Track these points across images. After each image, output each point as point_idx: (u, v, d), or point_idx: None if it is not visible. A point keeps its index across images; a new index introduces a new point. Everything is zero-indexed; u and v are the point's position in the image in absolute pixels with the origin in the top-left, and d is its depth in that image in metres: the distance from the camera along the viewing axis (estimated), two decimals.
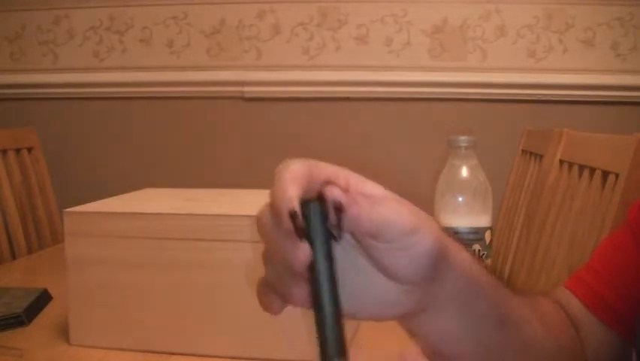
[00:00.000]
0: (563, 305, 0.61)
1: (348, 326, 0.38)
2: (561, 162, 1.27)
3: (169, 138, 2.10)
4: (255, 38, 2.04)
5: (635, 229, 0.59)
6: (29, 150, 1.69)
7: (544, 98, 1.93)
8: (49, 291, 1.02)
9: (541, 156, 1.40)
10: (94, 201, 0.92)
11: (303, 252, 0.36)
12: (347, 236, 0.40)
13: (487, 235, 1.05)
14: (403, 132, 2.00)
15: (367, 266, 0.41)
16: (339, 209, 0.37)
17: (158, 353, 0.81)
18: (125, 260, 0.82)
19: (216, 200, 0.98)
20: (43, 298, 1.00)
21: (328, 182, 0.39)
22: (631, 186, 0.92)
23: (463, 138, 1.08)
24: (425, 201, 0.45)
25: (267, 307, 0.40)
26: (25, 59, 2.14)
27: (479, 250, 1.02)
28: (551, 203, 1.25)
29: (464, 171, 1.08)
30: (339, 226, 0.37)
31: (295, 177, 0.37)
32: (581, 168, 1.15)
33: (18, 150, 1.65)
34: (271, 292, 0.39)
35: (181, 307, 0.81)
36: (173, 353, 0.81)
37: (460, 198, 1.07)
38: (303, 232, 0.36)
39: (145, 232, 0.82)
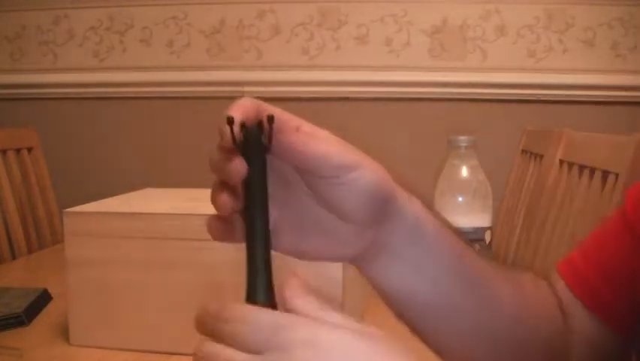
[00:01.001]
0: (554, 288, 0.59)
1: None
2: (561, 162, 1.27)
3: (169, 138, 2.10)
4: (255, 38, 2.04)
5: (629, 217, 0.58)
6: (29, 150, 1.69)
7: (544, 98, 1.93)
8: (49, 291, 1.02)
9: (541, 156, 1.40)
10: (94, 201, 0.92)
11: (237, 164, 0.39)
12: (302, 183, 0.42)
13: (487, 235, 1.06)
14: (403, 132, 2.00)
15: (318, 208, 0.43)
16: (271, 128, 0.39)
17: (158, 353, 0.81)
18: (124, 260, 0.82)
19: None
20: (43, 298, 1.00)
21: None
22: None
23: (463, 138, 1.08)
24: None
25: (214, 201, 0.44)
26: (25, 59, 2.14)
27: (479, 250, 1.02)
28: (551, 203, 1.25)
29: (464, 171, 1.08)
30: (270, 140, 0.40)
31: (241, 106, 0.40)
32: (581, 168, 1.15)
33: (18, 150, 1.65)
34: (219, 190, 0.43)
35: (181, 307, 0.81)
36: (172, 353, 0.81)
37: (460, 198, 1.07)
38: (239, 147, 0.39)
39: (145, 232, 0.82)
